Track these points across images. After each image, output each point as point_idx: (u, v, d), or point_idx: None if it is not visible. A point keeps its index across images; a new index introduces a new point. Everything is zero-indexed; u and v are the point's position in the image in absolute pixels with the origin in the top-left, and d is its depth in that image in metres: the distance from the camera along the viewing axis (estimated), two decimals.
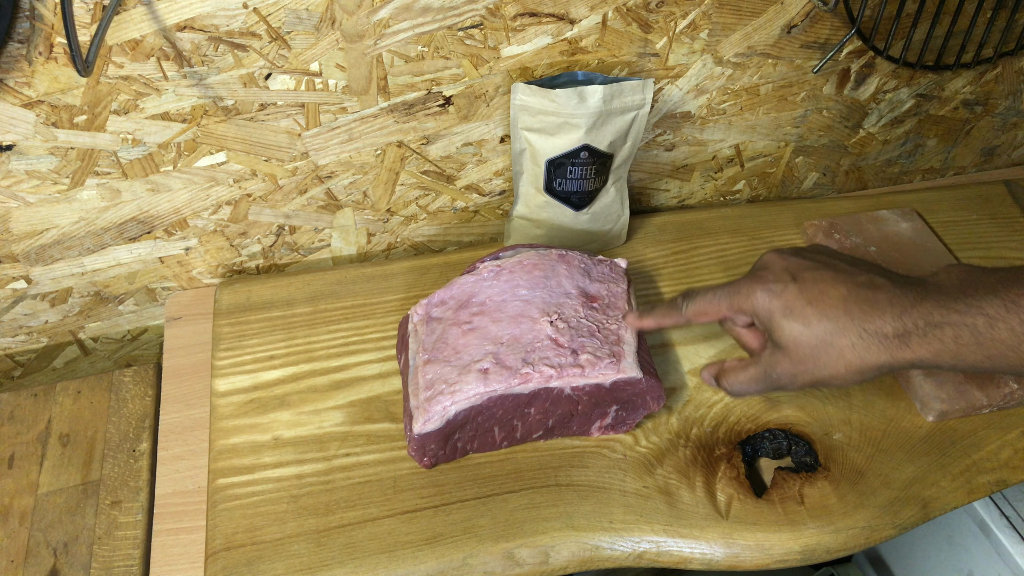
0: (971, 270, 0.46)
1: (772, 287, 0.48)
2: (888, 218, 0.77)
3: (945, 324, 0.43)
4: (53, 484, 0.60)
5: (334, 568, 0.51)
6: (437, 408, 0.52)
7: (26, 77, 0.54)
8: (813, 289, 0.47)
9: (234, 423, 0.60)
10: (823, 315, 0.46)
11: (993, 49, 0.77)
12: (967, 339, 0.43)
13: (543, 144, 0.65)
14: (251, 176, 0.66)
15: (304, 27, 0.58)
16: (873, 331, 0.45)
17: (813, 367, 0.47)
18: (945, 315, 0.43)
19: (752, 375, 0.50)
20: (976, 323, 0.42)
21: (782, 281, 0.48)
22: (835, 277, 0.48)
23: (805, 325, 0.46)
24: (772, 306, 0.48)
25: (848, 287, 0.47)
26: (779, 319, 0.47)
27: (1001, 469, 0.58)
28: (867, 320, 0.45)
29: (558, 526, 0.54)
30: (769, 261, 0.51)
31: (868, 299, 0.46)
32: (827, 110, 0.78)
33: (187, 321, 0.70)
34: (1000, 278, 0.44)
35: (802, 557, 0.54)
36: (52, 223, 0.63)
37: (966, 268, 0.47)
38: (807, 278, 0.48)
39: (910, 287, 0.46)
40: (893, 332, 0.44)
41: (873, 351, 0.45)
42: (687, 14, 0.66)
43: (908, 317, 0.44)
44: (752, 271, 0.52)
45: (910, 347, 0.44)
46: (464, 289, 0.59)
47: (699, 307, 0.52)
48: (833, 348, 0.46)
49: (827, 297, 0.47)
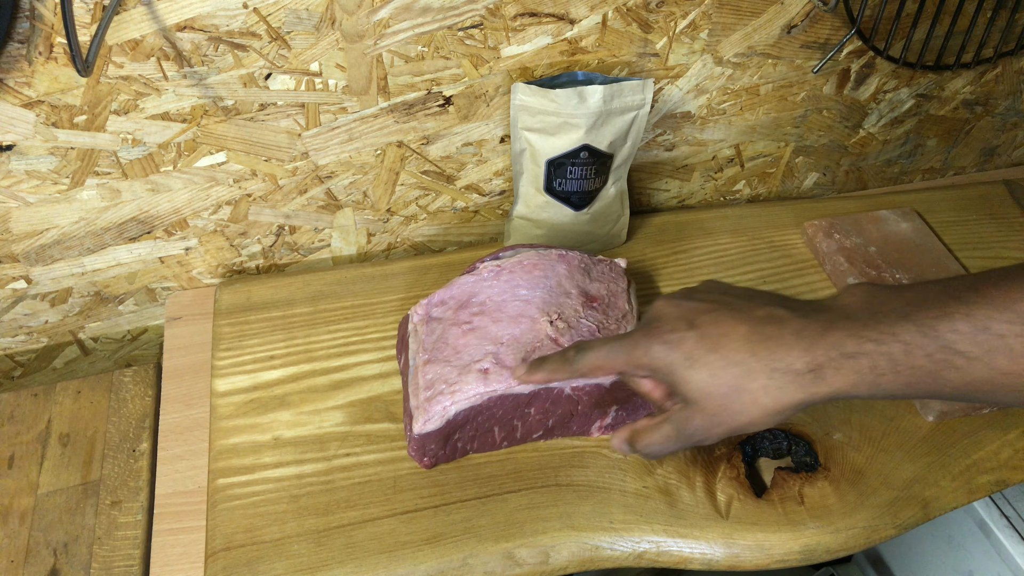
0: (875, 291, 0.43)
1: (669, 338, 0.44)
2: (888, 218, 0.77)
3: (860, 354, 0.40)
4: (53, 484, 0.60)
5: (334, 568, 0.51)
6: (437, 408, 0.52)
7: (26, 77, 0.54)
8: (713, 333, 0.44)
9: (234, 423, 0.60)
10: (728, 360, 0.42)
11: (993, 49, 0.77)
12: (884, 368, 0.40)
13: (543, 144, 0.65)
14: (251, 176, 0.66)
15: (304, 27, 0.58)
16: (783, 369, 0.41)
17: (728, 417, 0.43)
18: (859, 344, 0.40)
19: (665, 434, 0.46)
20: (892, 352, 0.39)
21: (679, 331, 0.44)
22: (733, 317, 0.44)
23: (711, 375, 0.43)
24: (672, 359, 0.44)
25: (749, 325, 0.43)
26: (682, 372, 0.43)
27: (1001, 469, 0.58)
28: (775, 359, 0.42)
29: (558, 526, 0.54)
30: (661, 310, 0.47)
31: (772, 336, 0.42)
32: (827, 110, 0.78)
33: (187, 321, 0.70)
34: (909, 299, 0.41)
35: (802, 557, 0.54)
36: (52, 223, 0.63)
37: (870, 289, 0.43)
38: (704, 322, 0.44)
39: (814, 316, 0.43)
40: (805, 367, 0.41)
41: (787, 390, 0.41)
42: (687, 14, 0.66)
43: (819, 350, 0.41)
44: (644, 322, 0.48)
45: (825, 380, 0.41)
46: (464, 289, 0.59)
47: (592, 362, 0.48)
48: (745, 393, 0.42)
49: (729, 340, 0.43)
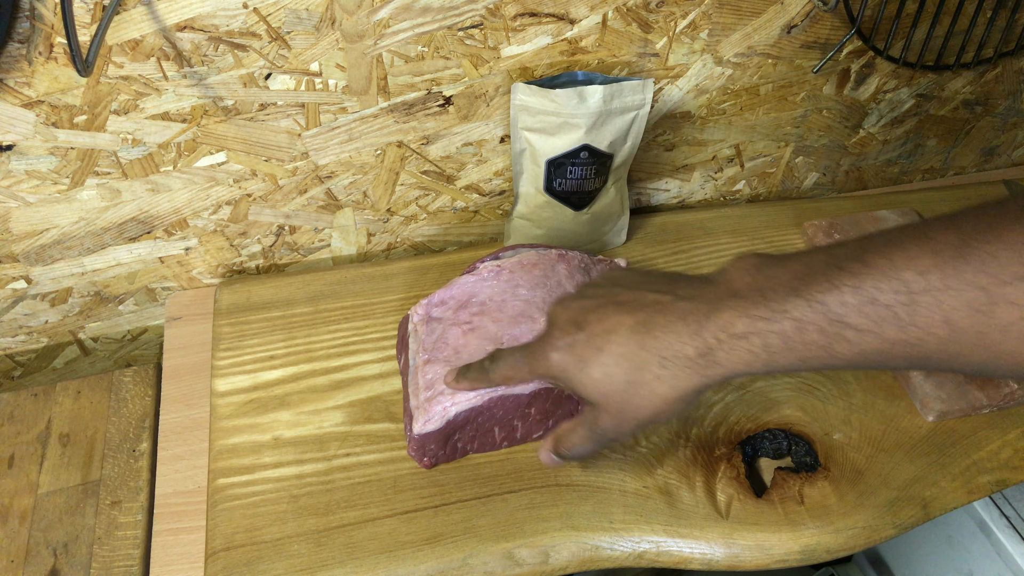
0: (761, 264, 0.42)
1: (560, 344, 0.45)
2: (888, 218, 0.77)
3: (751, 334, 0.39)
4: (53, 484, 0.60)
5: (334, 568, 0.51)
6: (437, 408, 0.52)
7: (26, 77, 0.54)
8: (599, 331, 0.43)
9: (234, 423, 0.60)
10: (617, 356, 0.42)
11: (993, 49, 0.77)
12: (777, 346, 0.39)
13: (543, 144, 0.65)
14: (251, 176, 0.66)
15: (304, 27, 0.58)
16: (673, 356, 0.41)
17: (633, 411, 0.43)
18: (749, 324, 0.39)
19: (581, 435, 0.47)
20: (784, 329, 0.39)
21: (569, 334, 0.44)
22: (618, 310, 0.44)
23: (604, 374, 0.43)
24: (566, 364, 0.44)
25: (634, 316, 0.43)
26: (578, 376, 0.44)
27: (1001, 469, 0.58)
28: (663, 347, 0.41)
29: (558, 526, 0.54)
30: (553, 315, 0.47)
31: (658, 324, 0.42)
32: (827, 110, 0.78)
33: (187, 321, 0.70)
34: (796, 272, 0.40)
35: (802, 557, 0.54)
36: (52, 223, 0.63)
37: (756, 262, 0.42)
38: (591, 321, 0.44)
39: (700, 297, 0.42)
40: (695, 352, 0.41)
41: (681, 377, 0.41)
42: (687, 14, 0.66)
43: (707, 332, 0.40)
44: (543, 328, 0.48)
45: (718, 363, 0.40)
46: (464, 289, 0.59)
47: (504, 372, 0.49)
48: (641, 386, 0.42)
49: (616, 336, 0.43)
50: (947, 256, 0.36)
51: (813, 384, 0.63)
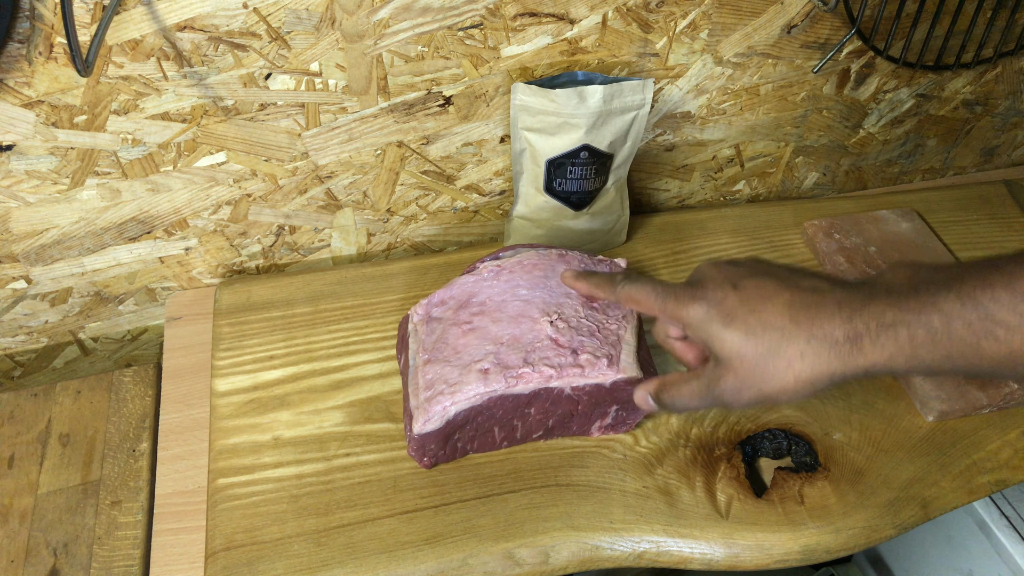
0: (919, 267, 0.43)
1: (710, 296, 0.45)
2: (888, 218, 0.77)
3: (899, 324, 0.40)
4: (53, 484, 0.60)
5: (334, 568, 0.51)
6: (437, 408, 0.52)
7: (26, 77, 0.54)
8: (755, 296, 0.43)
9: (234, 423, 0.60)
10: (767, 324, 0.42)
11: (993, 49, 0.77)
12: (923, 338, 0.39)
13: (543, 144, 0.65)
14: (251, 176, 0.66)
15: (304, 27, 0.58)
16: (822, 336, 0.41)
17: (760, 380, 0.43)
18: (898, 314, 0.40)
19: (693, 390, 0.46)
20: (931, 321, 0.39)
21: (721, 289, 0.44)
22: (777, 283, 0.44)
23: (748, 335, 0.42)
24: (710, 316, 0.44)
25: (792, 292, 0.43)
26: (719, 330, 0.43)
27: (1001, 469, 0.58)
28: (815, 325, 0.41)
29: (558, 526, 0.54)
30: (706, 271, 0.47)
31: (814, 303, 0.42)
32: (827, 110, 0.78)
33: (187, 321, 0.70)
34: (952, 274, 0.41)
35: (802, 557, 0.54)
36: (52, 223, 0.63)
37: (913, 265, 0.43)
38: (748, 285, 0.44)
39: (857, 289, 0.43)
40: (844, 336, 0.41)
41: (824, 359, 0.41)
42: (687, 14, 0.66)
43: (859, 319, 0.41)
44: (688, 281, 0.48)
45: (863, 352, 0.41)
46: (464, 289, 0.59)
47: (632, 292, 0.49)
48: (780, 358, 0.42)
49: (770, 304, 0.43)
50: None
51: None
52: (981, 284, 0.39)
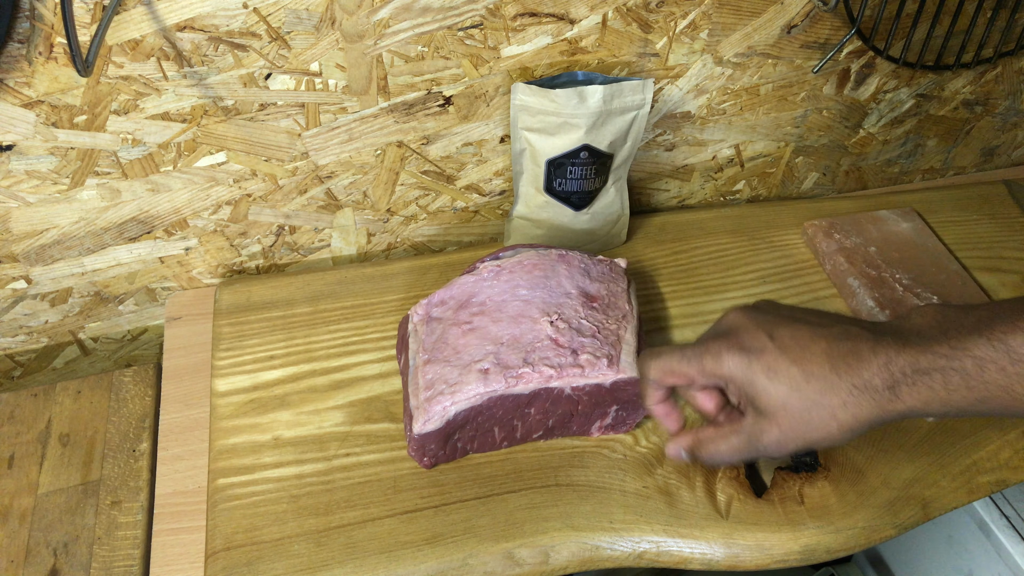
0: (945, 310, 0.44)
1: (748, 346, 0.45)
2: (888, 218, 0.77)
3: (933, 370, 0.41)
4: (53, 484, 0.60)
5: (334, 568, 0.51)
6: (437, 408, 0.52)
7: (26, 77, 0.54)
8: (793, 347, 0.44)
9: (234, 423, 0.60)
10: (809, 374, 0.43)
11: (993, 49, 0.77)
12: (956, 383, 0.40)
13: (543, 144, 0.65)
14: (251, 176, 0.66)
15: (304, 27, 0.58)
16: (863, 385, 0.42)
17: (804, 431, 0.43)
18: (932, 360, 0.41)
19: (733, 445, 0.46)
20: (965, 366, 0.40)
21: (759, 341, 0.45)
22: (812, 332, 0.44)
23: (792, 388, 0.43)
24: (753, 370, 0.44)
25: (827, 341, 0.44)
26: (763, 383, 0.44)
27: (1001, 469, 0.58)
28: (854, 374, 0.42)
29: (558, 526, 0.54)
30: (738, 321, 0.47)
31: (851, 351, 0.43)
32: (827, 110, 0.78)
33: (187, 321, 0.70)
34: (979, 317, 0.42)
35: (802, 557, 0.54)
36: (52, 223, 0.63)
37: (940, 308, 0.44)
38: (784, 335, 0.44)
39: (888, 333, 0.43)
40: (882, 384, 0.42)
41: (865, 407, 0.42)
42: (687, 14, 0.66)
43: (895, 366, 0.41)
44: (717, 331, 0.48)
45: (900, 398, 0.41)
46: (464, 289, 0.59)
47: (666, 368, 0.48)
48: (824, 409, 0.42)
49: (809, 354, 0.43)
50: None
51: None
52: (1011, 328, 0.40)
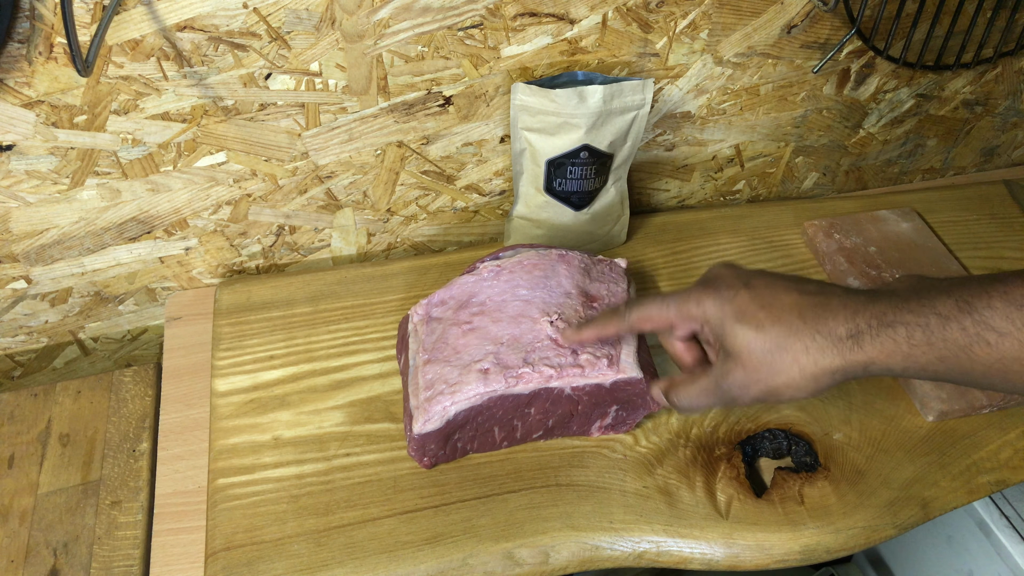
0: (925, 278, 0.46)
1: (724, 293, 0.47)
2: (888, 218, 0.77)
3: (898, 323, 0.43)
4: (53, 484, 0.60)
5: (334, 568, 0.51)
6: (437, 408, 0.52)
7: (26, 77, 0.54)
8: (766, 294, 0.46)
9: (234, 423, 0.60)
10: (776, 320, 0.45)
11: (993, 49, 0.77)
12: (919, 338, 0.42)
13: (543, 144, 0.65)
14: (251, 176, 0.66)
15: (304, 27, 0.58)
16: (826, 333, 0.44)
17: (767, 374, 0.45)
18: (898, 314, 0.43)
19: (702, 386, 0.49)
20: (928, 322, 0.42)
21: (734, 288, 0.47)
22: (787, 285, 0.47)
23: (758, 330, 0.45)
24: (724, 312, 0.46)
25: (800, 293, 0.46)
26: (731, 325, 0.46)
27: (1001, 469, 0.58)
28: (820, 322, 0.44)
29: (558, 526, 0.54)
30: (718, 272, 0.50)
31: (820, 303, 0.45)
32: (827, 110, 0.78)
33: (187, 321, 0.70)
34: (954, 283, 0.43)
35: (802, 557, 0.54)
36: (52, 223, 0.63)
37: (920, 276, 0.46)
38: (758, 284, 0.47)
39: (862, 292, 0.46)
40: (846, 333, 0.44)
41: (827, 354, 0.44)
42: (687, 14, 0.66)
43: (860, 318, 0.44)
44: (700, 281, 0.50)
45: (862, 348, 0.43)
46: (464, 289, 0.59)
47: (644, 313, 0.51)
48: (787, 353, 0.44)
49: (779, 302, 0.46)
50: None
51: None
52: (979, 292, 0.41)
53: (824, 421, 0.61)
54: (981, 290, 0.42)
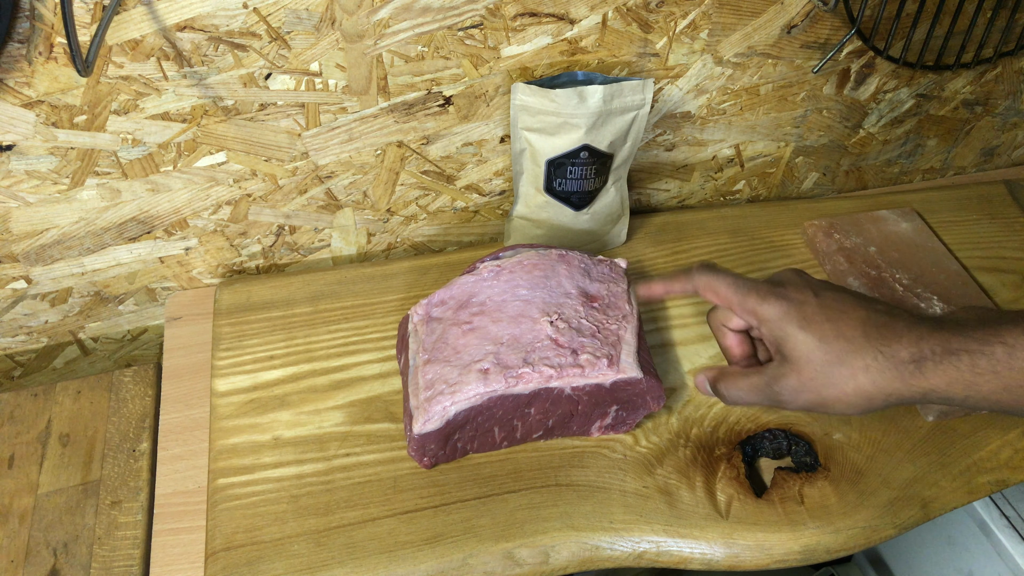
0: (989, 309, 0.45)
1: (793, 298, 0.47)
2: (888, 218, 0.77)
3: (962, 351, 0.42)
4: (53, 484, 0.60)
5: (334, 568, 0.51)
6: (437, 408, 0.52)
7: (26, 77, 0.54)
8: (833, 307, 0.46)
9: (234, 423, 0.60)
10: (840, 334, 0.45)
11: (993, 49, 0.77)
12: (984, 367, 0.41)
13: (543, 144, 0.65)
14: (251, 176, 0.66)
15: (304, 27, 0.58)
16: (889, 355, 0.43)
17: (821, 385, 0.45)
18: (963, 343, 0.42)
19: (753, 384, 0.49)
20: (995, 351, 0.41)
21: (803, 295, 0.47)
22: (856, 300, 0.47)
23: (821, 340, 0.45)
24: (789, 316, 0.46)
25: (868, 311, 0.46)
26: (794, 330, 0.46)
27: (1001, 469, 0.58)
28: (884, 343, 0.44)
29: (558, 526, 0.54)
30: (788, 276, 0.50)
31: (887, 324, 0.45)
32: (827, 110, 0.78)
33: (187, 321, 0.70)
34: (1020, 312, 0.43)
35: (802, 557, 0.54)
36: (52, 223, 0.63)
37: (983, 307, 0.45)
38: (827, 296, 0.47)
39: (929, 319, 0.45)
40: (909, 357, 0.43)
41: (886, 376, 0.43)
42: (687, 14, 0.66)
43: (925, 343, 0.43)
44: (769, 280, 0.50)
45: (924, 374, 0.43)
46: (464, 289, 0.59)
47: (710, 282, 0.51)
48: (846, 368, 0.44)
49: (846, 317, 0.46)
50: None
51: None
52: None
53: (824, 421, 0.61)
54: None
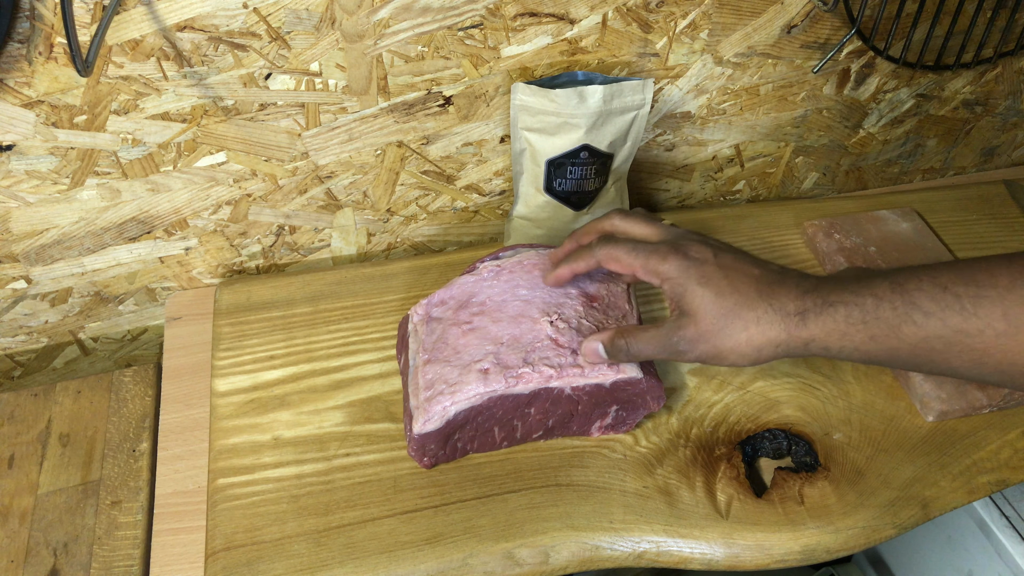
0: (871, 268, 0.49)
1: (690, 255, 0.50)
2: (888, 218, 0.77)
3: (839, 303, 0.46)
4: (53, 484, 0.60)
5: (334, 568, 0.51)
6: (437, 408, 0.52)
7: (26, 77, 0.54)
8: (730, 266, 0.50)
9: (234, 423, 0.60)
10: (735, 289, 0.48)
11: (993, 49, 0.77)
12: (856, 318, 0.46)
13: (543, 144, 0.65)
14: (251, 176, 0.66)
15: (304, 27, 0.58)
16: (778, 307, 0.47)
17: (716, 336, 0.48)
18: (840, 295, 0.46)
19: (653, 336, 0.51)
20: (865, 302, 0.45)
21: (702, 254, 0.50)
22: (751, 260, 0.51)
23: (717, 294, 0.48)
24: (689, 274, 0.49)
25: (762, 270, 0.50)
26: (693, 285, 0.49)
27: (1001, 469, 0.58)
28: (773, 297, 0.48)
29: (558, 526, 0.54)
30: (689, 236, 0.53)
31: (778, 281, 0.49)
32: (827, 110, 0.78)
33: (187, 321, 0.70)
34: (894, 269, 0.47)
35: (802, 557, 0.54)
36: (52, 223, 0.63)
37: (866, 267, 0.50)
38: (726, 257, 0.50)
39: (815, 277, 0.50)
40: (795, 310, 0.47)
41: (775, 327, 0.47)
42: (687, 14, 0.66)
43: (809, 297, 0.47)
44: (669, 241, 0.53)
45: (806, 325, 0.47)
46: (464, 289, 0.59)
47: (613, 253, 0.52)
48: (739, 320, 0.48)
49: (742, 274, 0.49)
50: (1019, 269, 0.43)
51: (813, 384, 0.63)
52: (910, 275, 0.46)
53: (824, 421, 0.61)
54: (912, 274, 0.45)
